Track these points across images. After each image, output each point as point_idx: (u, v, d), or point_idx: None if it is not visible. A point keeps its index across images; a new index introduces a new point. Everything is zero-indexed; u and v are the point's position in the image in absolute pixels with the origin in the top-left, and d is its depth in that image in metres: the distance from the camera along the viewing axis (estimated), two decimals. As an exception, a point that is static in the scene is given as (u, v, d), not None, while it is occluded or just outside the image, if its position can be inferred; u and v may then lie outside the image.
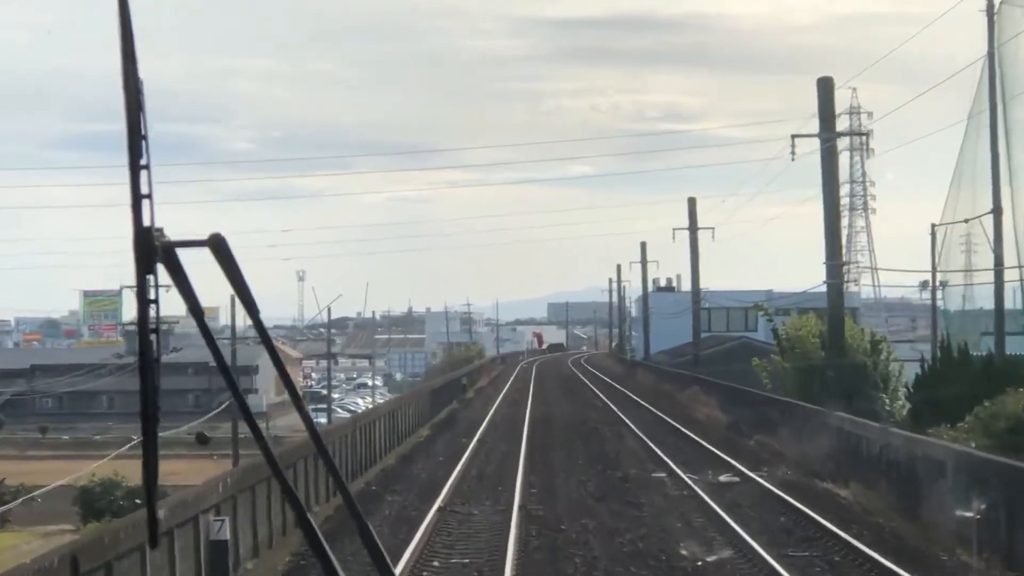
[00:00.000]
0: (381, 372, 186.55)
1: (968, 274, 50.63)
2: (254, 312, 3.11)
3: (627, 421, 49.54)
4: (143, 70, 2.87)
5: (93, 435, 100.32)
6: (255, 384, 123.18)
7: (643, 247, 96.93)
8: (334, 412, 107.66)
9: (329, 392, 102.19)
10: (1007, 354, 37.95)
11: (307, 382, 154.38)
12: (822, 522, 24.05)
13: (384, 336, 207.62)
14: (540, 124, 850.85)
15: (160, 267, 2.95)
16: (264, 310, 3.25)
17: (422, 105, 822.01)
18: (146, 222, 2.89)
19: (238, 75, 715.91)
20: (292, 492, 3.18)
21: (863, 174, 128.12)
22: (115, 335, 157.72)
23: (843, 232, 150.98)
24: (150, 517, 3.18)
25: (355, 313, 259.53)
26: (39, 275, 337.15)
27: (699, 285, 66.61)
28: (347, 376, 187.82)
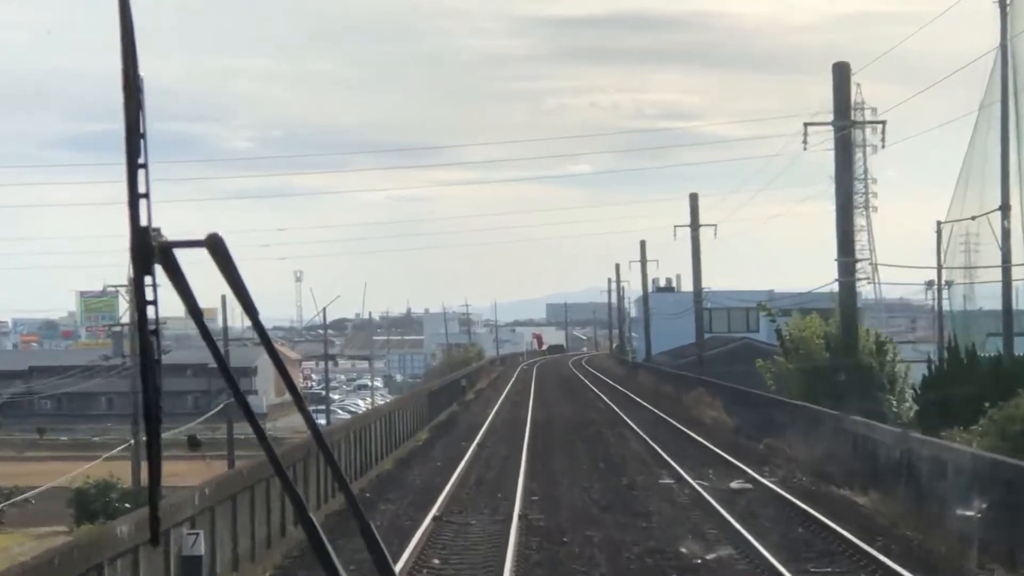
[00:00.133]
0: (381, 373, 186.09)
1: (969, 274, 49.91)
2: (253, 313, 3.10)
3: (631, 424, 48.56)
4: (143, 70, 2.88)
5: (92, 436, 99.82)
6: (254, 385, 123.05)
7: (643, 246, 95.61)
8: (335, 414, 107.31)
9: (327, 393, 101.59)
10: (1016, 355, 37.24)
11: (307, 383, 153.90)
12: (844, 534, 22.53)
13: (383, 337, 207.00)
14: (540, 123, 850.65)
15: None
16: (262, 311, 3.23)
17: (422, 105, 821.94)
18: (144, 222, 2.88)
19: (238, 75, 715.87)
20: (294, 490, 3.14)
21: (865, 171, 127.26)
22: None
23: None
24: (152, 516, 3.20)
25: (354, 314, 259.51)
26: (38, 276, 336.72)
27: (701, 284, 65.63)
28: (347, 377, 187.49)
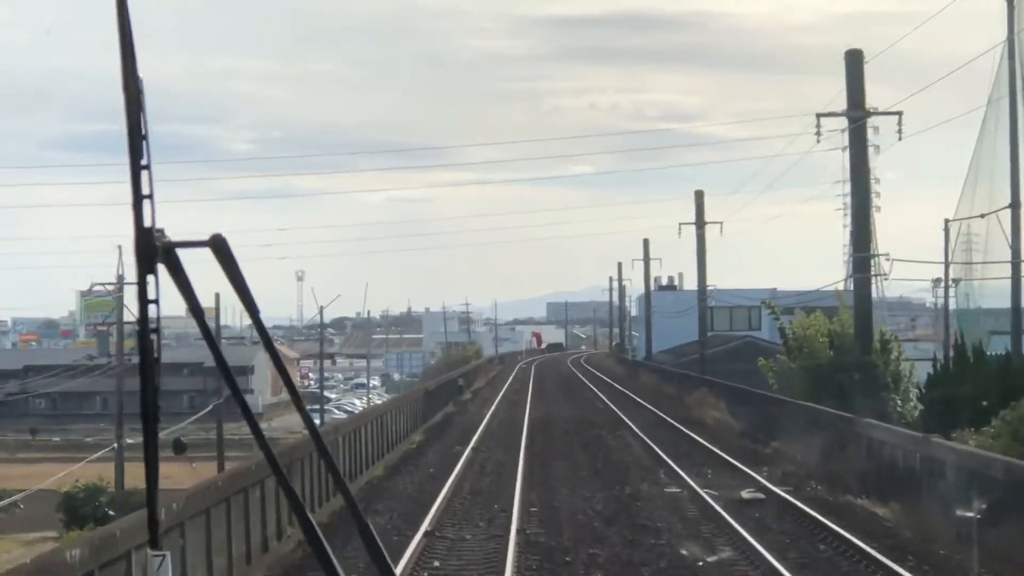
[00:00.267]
0: (379, 372, 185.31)
1: (973, 271, 49.29)
2: (254, 312, 3.09)
3: (633, 427, 46.88)
4: (142, 71, 2.89)
5: (85, 437, 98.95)
6: (251, 384, 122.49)
7: (646, 244, 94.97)
8: (332, 413, 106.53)
9: (322, 391, 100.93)
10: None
11: (305, 382, 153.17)
12: (872, 552, 20.54)
13: (381, 336, 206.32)
14: (539, 124, 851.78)
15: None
16: (263, 310, 3.19)
17: (422, 105, 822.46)
18: (147, 222, 2.90)
19: (238, 75, 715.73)
20: (291, 491, 3.14)
21: (868, 171, 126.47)
22: (110, 335, 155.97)
23: (845, 230, 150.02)
24: (151, 518, 3.19)
25: (354, 313, 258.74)
26: (39, 275, 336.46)
27: (706, 282, 64.61)
28: (345, 376, 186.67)
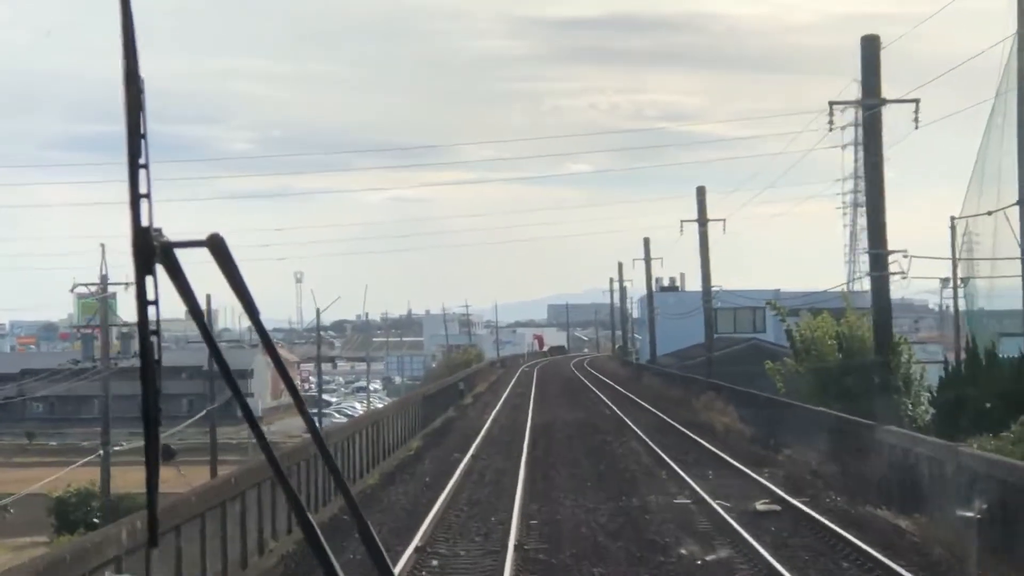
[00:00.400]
0: (380, 375, 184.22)
1: (972, 271, 48.29)
2: (254, 314, 3.09)
3: (639, 432, 45.27)
4: (143, 70, 2.87)
5: (81, 441, 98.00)
6: (250, 388, 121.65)
7: (646, 243, 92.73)
8: (332, 417, 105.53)
9: (320, 395, 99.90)
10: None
11: (305, 386, 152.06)
12: (901, 572, 19.15)
13: (382, 339, 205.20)
14: (539, 124, 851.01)
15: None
16: (263, 312, 3.16)
17: (422, 105, 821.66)
18: (145, 222, 2.89)
19: (238, 75, 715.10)
20: (293, 492, 3.09)
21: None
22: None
23: (846, 230, 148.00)
24: (151, 518, 3.17)
25: (355, 316, 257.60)
26: (37, 277, 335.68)
27: (710, 281, 63.00)
28: (346, 379, 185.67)
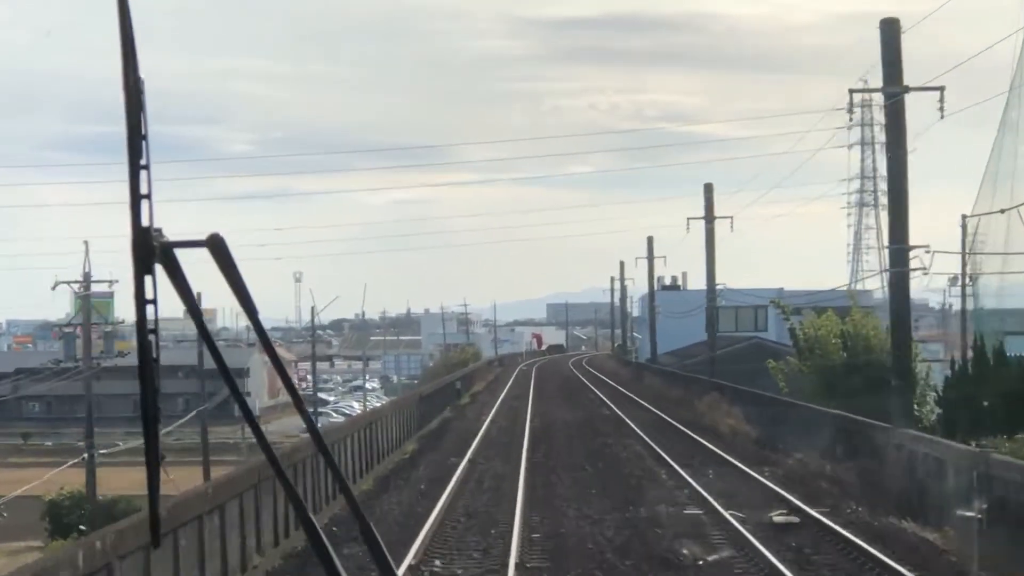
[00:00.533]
0: (378, 374, 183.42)
1: (979, 271, 47.69)
2: (253, 314, 3.08)
3: (642, 434, 43.74)
4: (143, 71, 2.86)
5: (77, 441, 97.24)
6: (247, 387, 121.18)
7: (650, 241, 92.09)
8: (330, 417, 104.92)
9: (315, 393, 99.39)
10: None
11: (303, 385, 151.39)
12: None
13: (380, 337, 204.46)
14: (539, 124, 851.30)
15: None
16: (262, 312, 3.17)
17: (422, 106, 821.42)
18: (145, 222, 2.89)
19: (238, 75, 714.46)
20: (294, 491, 3.10)
21: (874, 170, 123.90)
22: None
23: (850, 230, 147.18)
24: (152, 518, 3.16)
25: (353, 315, 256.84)
26: (34, 276, 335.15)
27: (715, 280, 61.88)
28: (344, 379, 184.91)
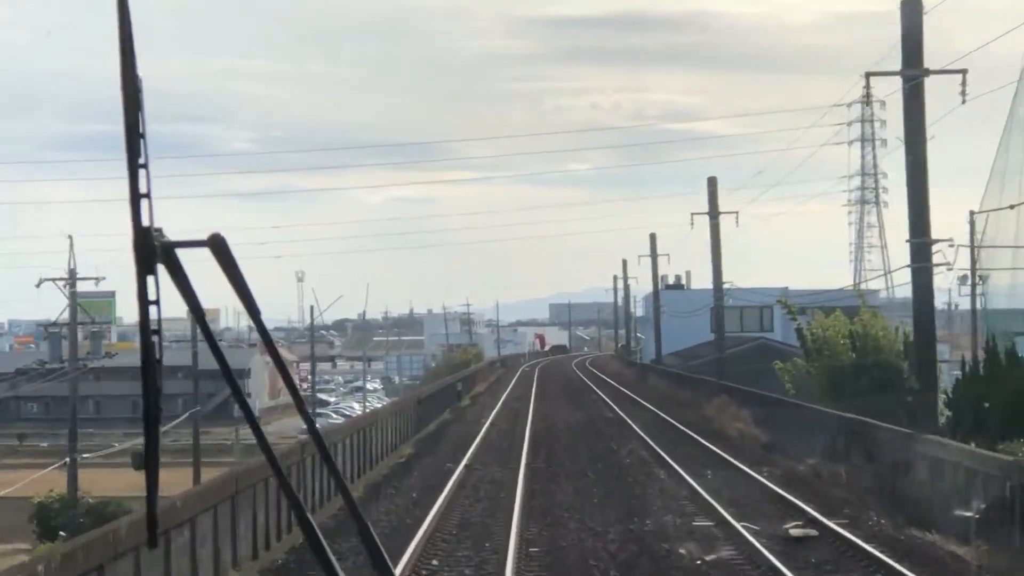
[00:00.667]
0: (380, 375, 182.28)
1: (985, 269, 46.46)
2: (255, 314, 3.08)
3: (647, 439, 41.63)
4: (142, 70, 2.86)
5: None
6: (248, 388, 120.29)
7: (652, 239, 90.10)
8: (330, 418, 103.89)
9: (313, 394, 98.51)
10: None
11: (304, 385, 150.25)
12: None
13: (382, 338, 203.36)
14: (540, 124, 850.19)
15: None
16: (263, 311, 3.16)
17: (422, 105, 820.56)
18: (145, 222, 2.89)
19: (238, 75, 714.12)
20: (292, 492, 3.08)
21: (875, 167, 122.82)
22: (110, 338, 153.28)
23: (852, 228, 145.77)
24: (150, 518, 3.15)
25: (356, 315, 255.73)
26: (36, 276, 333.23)
27: (722, 277, 60.20)
28: (346, 379, 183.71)
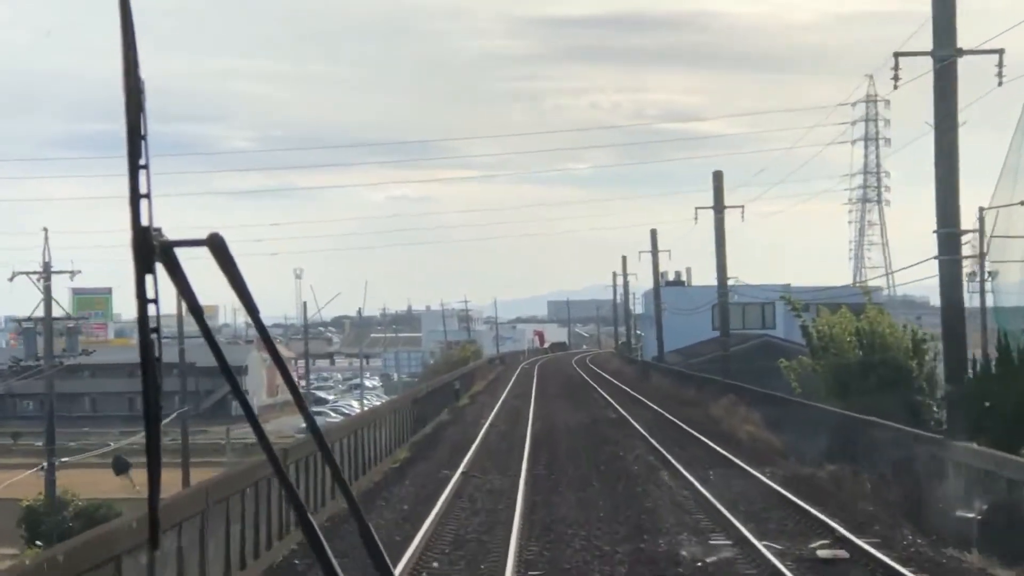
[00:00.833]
0: (379, 372, 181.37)
1: (996, 269, 45.53)
2: (254, 312, 3.08)
3: (654, 443, 38.94)
4: (143, 71, 2.86)
5: (68, 441, 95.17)
6: (245, 385, 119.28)
7: (653, 234, 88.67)
8: (328, 416, 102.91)
9: (308, 392, 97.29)
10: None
11: (301, 382, 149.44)
12: None
13: (380, 335, 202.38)
14: (540, 123, 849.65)
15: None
16: (262, 309, 3.15)
17: (422, 105, 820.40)
18: (145, 221, 2.90)
19: (238, 75, 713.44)
20: (293, 491, 3.08)
21: (878, 165, 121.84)
22: (106, 334, 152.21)
23: (854, 226, 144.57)
24: (151, 518, 3.15)
25: (354, 312, 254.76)
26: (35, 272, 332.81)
27: (726, 272, 58.67)
28: (344, 377, 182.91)
